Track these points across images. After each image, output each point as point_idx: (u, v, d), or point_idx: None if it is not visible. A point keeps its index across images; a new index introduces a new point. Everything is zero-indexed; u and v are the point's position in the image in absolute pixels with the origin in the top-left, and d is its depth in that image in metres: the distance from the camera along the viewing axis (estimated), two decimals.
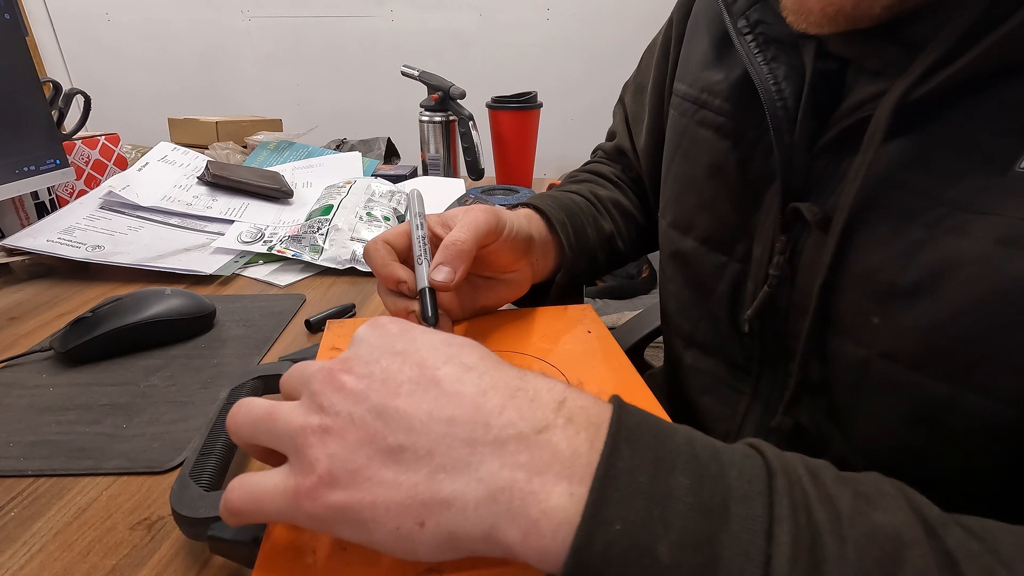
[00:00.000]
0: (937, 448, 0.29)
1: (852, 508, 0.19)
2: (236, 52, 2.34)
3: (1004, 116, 0.25)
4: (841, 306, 0.31)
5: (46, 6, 2.28)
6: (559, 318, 0.42)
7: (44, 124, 0.71)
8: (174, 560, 0.28)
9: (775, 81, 0.33)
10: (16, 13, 0.67)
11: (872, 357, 0.30)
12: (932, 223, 0.27)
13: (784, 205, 0.34)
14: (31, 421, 0.39)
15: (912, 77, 0.26)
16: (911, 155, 0.28)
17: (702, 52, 0.42)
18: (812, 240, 0.33)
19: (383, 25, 2.25)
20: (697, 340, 0.43)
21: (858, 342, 0.31)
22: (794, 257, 0.34)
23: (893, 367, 0.29)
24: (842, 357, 0.32)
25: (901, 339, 0.29)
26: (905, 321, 0.28)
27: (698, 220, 0.42)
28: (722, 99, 0.39)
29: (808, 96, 0.32)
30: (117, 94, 2.34)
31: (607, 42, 2.13)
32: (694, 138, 0.42)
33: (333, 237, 0.68)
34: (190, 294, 0.51)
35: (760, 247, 0.37)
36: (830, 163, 0.32)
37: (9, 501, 0.32)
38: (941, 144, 0.27)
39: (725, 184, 0.39)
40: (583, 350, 0.38)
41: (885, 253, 0.29)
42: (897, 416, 0.30)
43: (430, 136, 1.05)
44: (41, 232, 0.65)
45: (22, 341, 0.50)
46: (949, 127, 0.27)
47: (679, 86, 0.45)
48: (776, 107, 0.33)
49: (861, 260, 0.30)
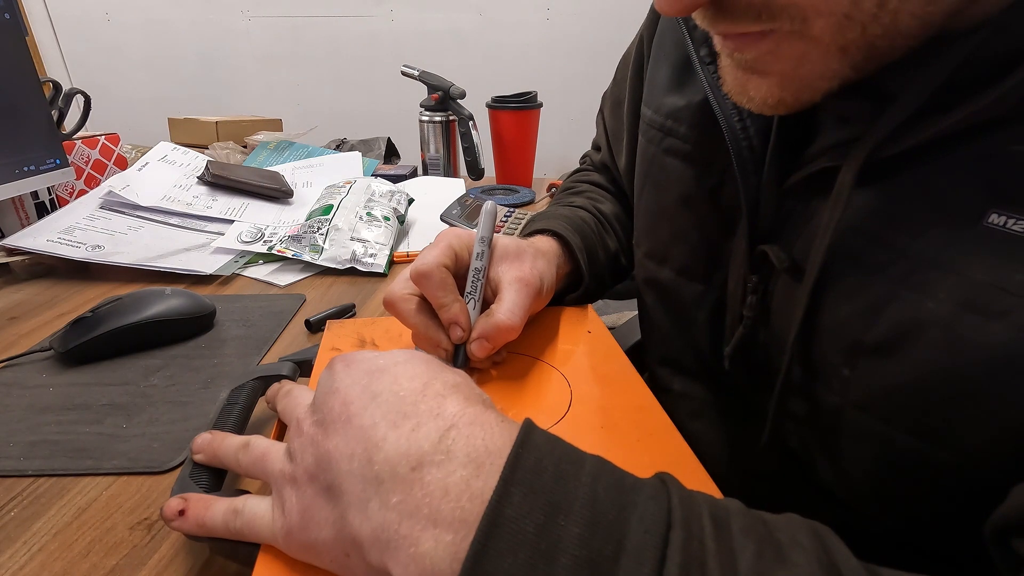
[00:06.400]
0: (913, 493, 0.29)
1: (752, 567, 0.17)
2: (236, 52, 2.33)
3: (972, 171, 0.25)
4: (814, 356, 0.31)
5: (46, 6, 2.28)
6: (559, 318, 0.42)
7: (44, 124, 0.71)
8: (174, 560, 0.29)
9: (739, 118, 0.32)
10: (16, 13, 0.67)
11: (846, 406, 0.30)
12: (898, 278, 0.27)
13: (752, 246, 0.33)
14: (31, 421, 0.39)
15: (879, 136, 0.26)
16: (879, 206, 0.28)
17: (666, 76, 0.41)
18: (782, 283, 0.33)
19: (383, 25, 2.25)
20: (683, 367, 0.43)
21: (832, 391, 0.30)
22: (766, 297, 0.34)
23: (865, 418, 0.29)
24: (819, 401, 0.31)
25: (871, 393, 0.28)
26: (872, 377, 0.28)
27: (673, 251, 0.41)
28: (686, 126, 0.38)
29: (776, 134, 0.31)
30: (117, 94, 2.34)
31: (607, 42, 2.13)
32: (662, 167, 0.41)
33: (333, 237, 0.68)
34: (190, 294, 0.51)
35: (733, 280, 0.36)
36: (798, 203, 0.31)
37: (9, 501, 0.32)
38: (909, 196, 0.27)
39: (696, 214, 0.38)
40: (583, 350, 0.38)
41: (852, 308, 0.28)
42: (872, 463, 0.30)
43: (430, 136, 1.05)
44: (41, 232, 0.65)
45: (22, 341, 0.50)
46: (917, 180, 0.26)
47: (645, 111, 0.44)
48: (741, 146, 0.32)
49: (830, 313, 0.29)
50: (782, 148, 0.32)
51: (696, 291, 0.39)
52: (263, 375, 0.36)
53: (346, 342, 0.39)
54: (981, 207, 0.24)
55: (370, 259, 0.66)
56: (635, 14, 2.01)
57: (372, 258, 0.67)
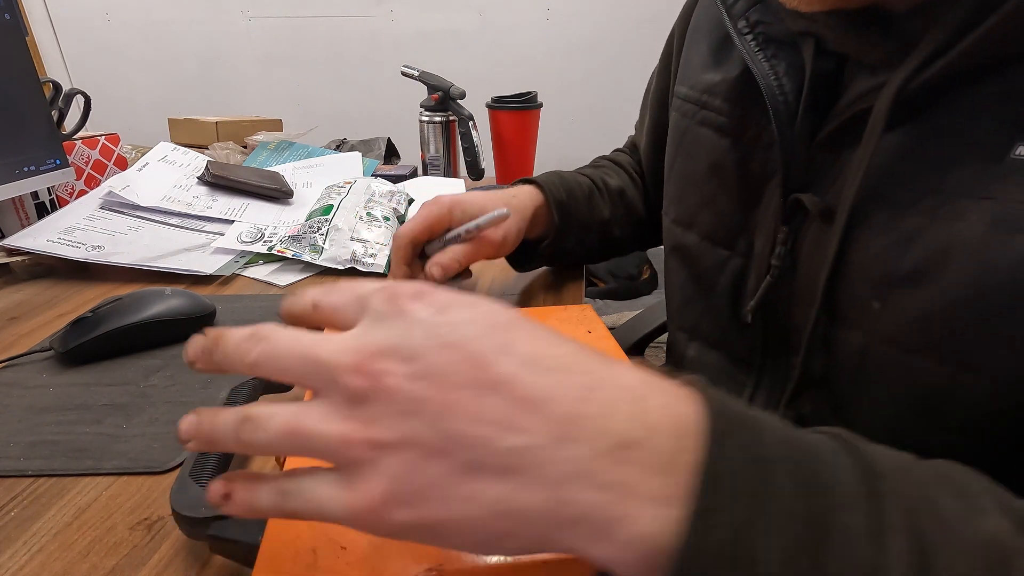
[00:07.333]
0: (936, 435, 0.30)
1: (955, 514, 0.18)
2: (236, 52, 2.33)
3: (999, 106, 0.26)
4: (843, 295, 0.32)
5: (46, 6, 2.28)
6: (559, 318, 0.42)
7: (44, 124, 0.71)
8: (174, 560, 0.28)
9: (776, 77, 0.34)
10: (16, 13, 0.67)
11: (872, 344, 0.31)
12: (929, 210, 0.28)
13: (785, 197, 0.35)
14: (31, 421, 0.39)
15: (909, 68, 0.27)
16: (909, 146, 0.29)
17: (701, 56, 0.44)
18: (813, 231, 0.34)
19: (383, 25, 2.25)
20: (700, 334, 0.44)
21: (859, 329, 0.31)
22: (795, 248, 0.35)
23: (893, 353, 0.30)
24: (844, 345, 0.32)
25: (901, 324, 0.29)
26: (904, 306, 0.29)
27: (700, 217, 0.43)
28: (721, 99, 0.40)
29: (808, 92, 0.33)
30: (117, 94, 2.34)
31: (607, 42, 2.13)
32: (695, 137, 0.43)
33: (333, 237, 0.68)
34: (190, 294, 0.51)
35: (762, 240, 0.37)
36: (829, 156, 0.33)
37: (9, 501, 0.32)
38: (938, 135, 0.28)
39: (725, 182, 0.40)
40: None
41: (885, 241, 0.30)
42: (896, 404, 0.31)
43: (430, 136, 1.05)
44: (41, 232, 0.65)
45: (22, 341, 0.50)
46: (946, 119, 0.28)
47: (680, 89, 0.46)
48: (777, 100, 0.34)
49: (862, 249, 0.31)
50: (814, 104, 0.33)
51: (720, 256, 0.41)
52: None
53: None
54: (1008, 141, 0.26)
55: (370, 259, 0.66)
56: (635, 14, 2.01)
57: (372, 258, 0.67)
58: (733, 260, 0.40)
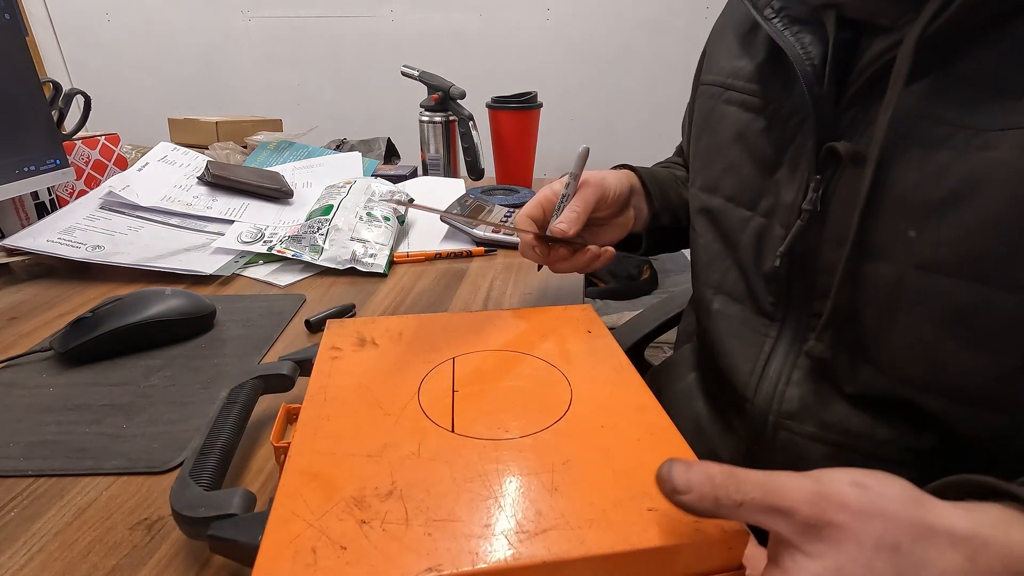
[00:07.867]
0: (965, 353, 0.31)
1: None
2: (236, 52, 2.33)
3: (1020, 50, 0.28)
4: (877, 228, 0.34)
5: (46, 6, 2.28)
6: (559, 318, 0.42)
7: (44, 124, 0.71)
8: (174, 560, 0.29)
9: (802, 46, 0.37)
10: (16, 13, 0.67)
11: (907, 271, 0.32)
12: (960, 144, 0.30)
13: (818, 147, 0.36)
14: (31, 421, 0.39)
15: (928, 15, 0.29)
16: (935, 90, 0.31)
17: (727, 48, 0.47)
18: (845, 177, 0.36)
19: (383, 25, 2.25)
20: (725, 289, 0.47)
21: (892, 261, 0.33)
22: (826, 195, 0.37)
23: (928, 277, 0.32)
24: (875, 279, 0.34)
25: (936, 248, 0.31)
26: (940, 231, 0.31)
27: (724, 182, 0.46)
28: (746, 80, 0.43)
29: (833, 56, 0.35)
30: (117, 94, 2.34)
31: (607, 42, 2.13)
32: (721, 115, 0.46)
33: (333, 237, 0.68)
34: (190, 294, 0.51)
35: (791, 193, 0.39)
36: (857, 113, 0.35)
37: (9, 501, 0.32)
38: (963, 79, 0.30)
39: (748, 149, 0.43)
40: (583, 350, 0.38)
41: (918, 175, 0.31)
42: (928, 326, 0.32)
43: (430, 136, 1.05)
44: (41, 232, 0.65)
45: (22, 341, 0.50)
46: (969, 64, 0.30)
47: (706, 77, 0.49)
48: (804, 65, 0.36)
49: (896, 185, 0.32)
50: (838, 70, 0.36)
51: (743, 215, 0.44)
52: (263, 374, 0.36)
53: (346, 342, 0.39)
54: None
55: (370, 259, 0.66)
56: (635, 14, 2.00)
57: (372, 258, 0.67)
58: (755, 219, 0.42)
